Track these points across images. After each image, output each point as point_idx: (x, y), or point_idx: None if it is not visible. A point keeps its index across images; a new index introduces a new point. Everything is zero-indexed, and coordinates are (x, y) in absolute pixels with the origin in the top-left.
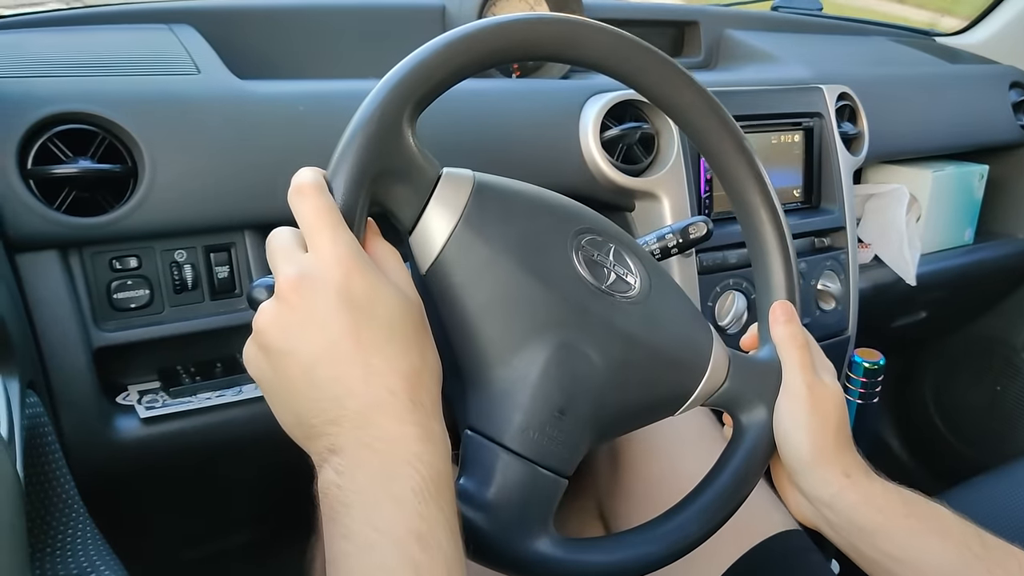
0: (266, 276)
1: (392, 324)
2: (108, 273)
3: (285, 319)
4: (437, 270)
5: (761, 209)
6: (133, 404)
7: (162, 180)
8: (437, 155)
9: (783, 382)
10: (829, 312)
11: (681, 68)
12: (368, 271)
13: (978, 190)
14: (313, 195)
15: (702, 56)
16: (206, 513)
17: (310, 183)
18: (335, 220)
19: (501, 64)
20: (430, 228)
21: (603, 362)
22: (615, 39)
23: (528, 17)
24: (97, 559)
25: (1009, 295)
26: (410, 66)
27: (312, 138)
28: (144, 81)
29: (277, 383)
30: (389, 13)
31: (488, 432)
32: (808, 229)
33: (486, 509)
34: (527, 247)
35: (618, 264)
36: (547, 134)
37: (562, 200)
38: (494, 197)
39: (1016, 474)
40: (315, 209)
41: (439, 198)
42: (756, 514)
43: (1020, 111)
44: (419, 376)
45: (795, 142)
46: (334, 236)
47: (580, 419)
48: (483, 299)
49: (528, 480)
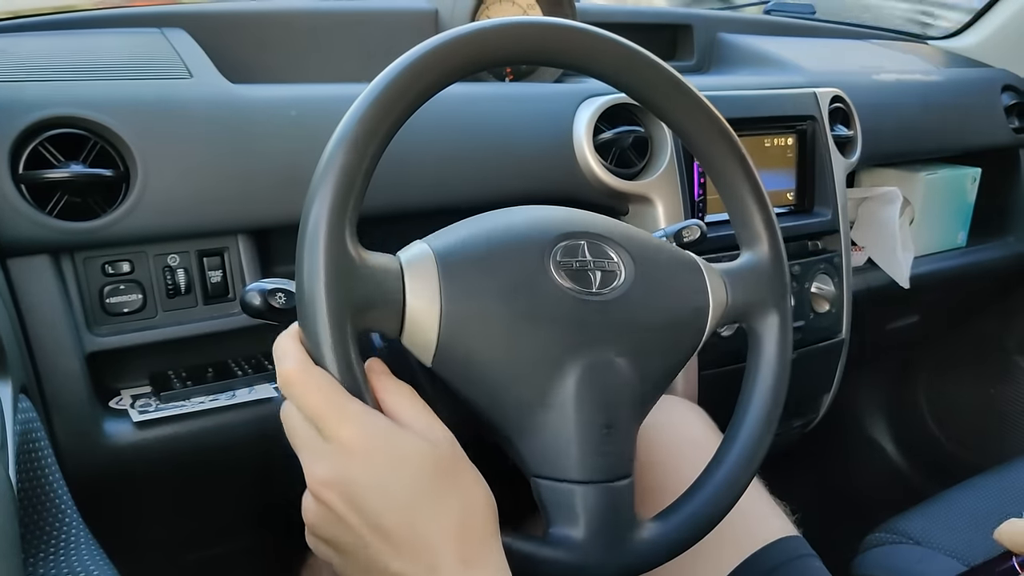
0: (260, 280)
1: (421, 478)
2: (101, 278)
3: (326, 517)
4: (441, 356)
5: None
6: (126, 408)
7: (154, 184)
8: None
9: None
10: (823, 315)
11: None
12: (389, 439)
13: (971, 193)
14: (303, 380)
15: (695, 60)
16: (201, 517)
17: (294, 368)
18: (338, 401)
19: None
20: (418, 324)
21: (623, 358)
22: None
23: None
24: (91, 564)
25: (1002, 297)
26: (334, 184)
27: (304, 142)
28: (136, 85)
29: (347, 567)
30: (382, 17)
31: (554, 474)
32: (801, 232)
33: (586, 546)
34: (510, 292)
35: (597, 258)
36: (540, 138)
37: (522, 219)
38: (460, 260)
39: (1010, 476)
40: (314, 395)
41: (413, 293)
42: (755, 520)
43: (1012, 114)
44: (464, 526)
45: (788, 145)
46: (341, 419)
47: (626, 421)
48: (495, 359)
49: (607, 498)
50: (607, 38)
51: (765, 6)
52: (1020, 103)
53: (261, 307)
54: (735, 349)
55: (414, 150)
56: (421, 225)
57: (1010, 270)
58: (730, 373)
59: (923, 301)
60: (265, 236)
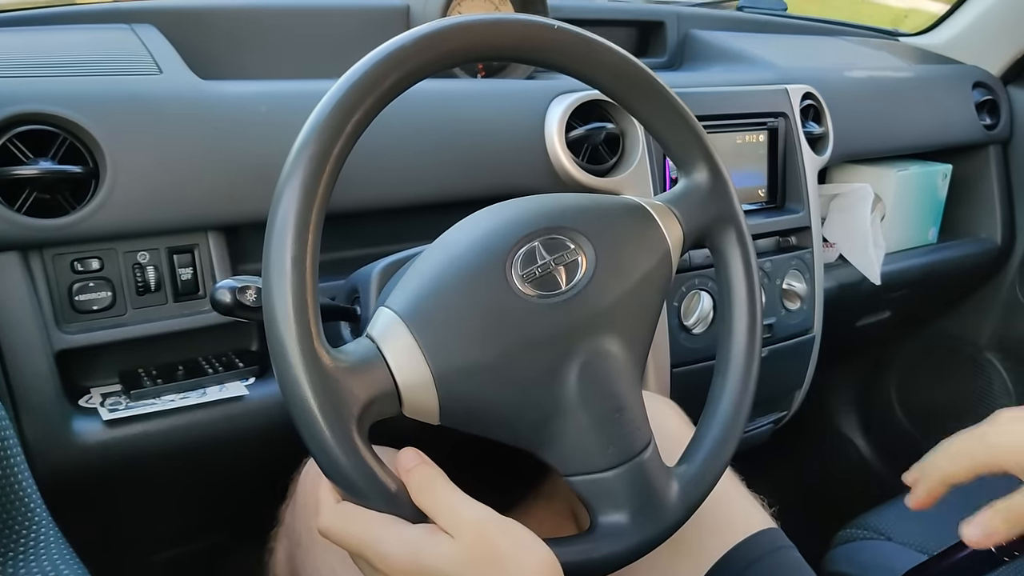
0: (230, 277)
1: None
2: (70, 275)
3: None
4: (446, 413)
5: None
6: (96, 407)
7: (124, 181)
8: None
9: None
10: (794, 311)
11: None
12: (419, 560)
13: (942, 189)
14: (329, 527)
15: (667, 56)
16: (173, 515)
17: (322, 517)
18: (365, 541)
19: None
20: (415, 393)
21: (611, 338)
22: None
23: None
24: (60, 563)
25: (973, 293)
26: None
27: (275, 138)
28: (106, 81)
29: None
30: (353, 13)
31: (585, 470)
32: (773, 229)
33: (634, 528)
34: (487, 330)
35: (555, 253)
36: (512, 134)
37: (465, 246)
38: (429, 316)
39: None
40: (346, 541)
41: (400, 370)
42: (736, 514)
43: (983, 111)
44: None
45: (759, 142)
46: (375, 558)
47: (632, 395)
48: (496, 398)
49: (638, 472)
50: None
51: (738, 3)
52: (991, 100)
53: (231, 304)
54: (705, 347)
55: (386, 146)
56: (390, 220)
57: (980, 266)
58: (700, 370)
59: (894, 298)
60: (235, 233)
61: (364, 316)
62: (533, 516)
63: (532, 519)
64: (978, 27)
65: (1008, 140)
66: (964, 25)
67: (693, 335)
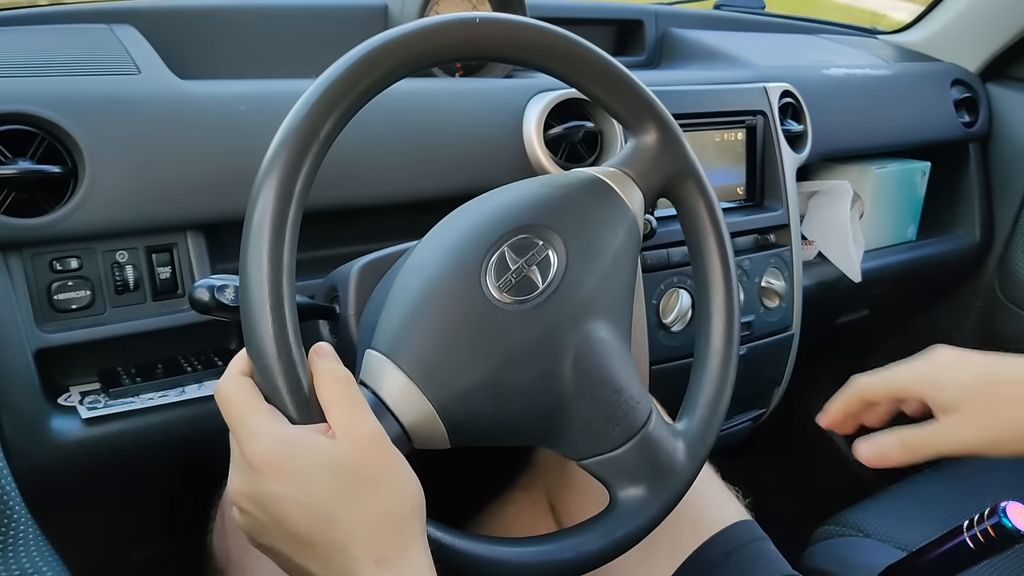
0: (208, 276)
1: (332, 484)
2: (48, 274)
3: (251, 525)
4: (454, 438)
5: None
6: (75, 405)
7: (102, 181)
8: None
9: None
10: (773, 309)
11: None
12: (293, 453)
13: (920, 187)
14: (220, 392)
15: (645, 55)
16: (154, 513)
17: (220, 380)
18: (245, 417)
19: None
20: (422, 429)
21: (596, 324)
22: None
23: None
24: (40, 560)
25: (952, 290)
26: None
27: (253, 138)
28: (84, 81)
29: (284, 567)
30: (331, 13)
31: (595, 452)
32: (752, 227)
33: (651, 496)
34: (472, 344)
35: (526, 255)
36: (490, 133)
37: (433, 269)
38: (417, 349)
39: (955, 469)
40: (227, 409)
41: (402, 413)
42: (712, 505)
43: (961, 108)
44: (381, 525)
45: (738, 140)
46: (246, 437)
47: (626, 373)
48: (499, 412)
49: (646, 444)
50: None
51: (716, 1)
52: (969, 97)
53: (210, 303)
54: (683, 344)
55: (364, 145)
56: (369, 219)
57: (959, 263)
58: (679, 368)
59: (873, 295)
60: (214, 232)
61: (343, 315)
62: (511, 507)
63: (510, 510)
64: (957, 24)
65: (987, 137)
66: (943, 23)
67: (672, 332)
